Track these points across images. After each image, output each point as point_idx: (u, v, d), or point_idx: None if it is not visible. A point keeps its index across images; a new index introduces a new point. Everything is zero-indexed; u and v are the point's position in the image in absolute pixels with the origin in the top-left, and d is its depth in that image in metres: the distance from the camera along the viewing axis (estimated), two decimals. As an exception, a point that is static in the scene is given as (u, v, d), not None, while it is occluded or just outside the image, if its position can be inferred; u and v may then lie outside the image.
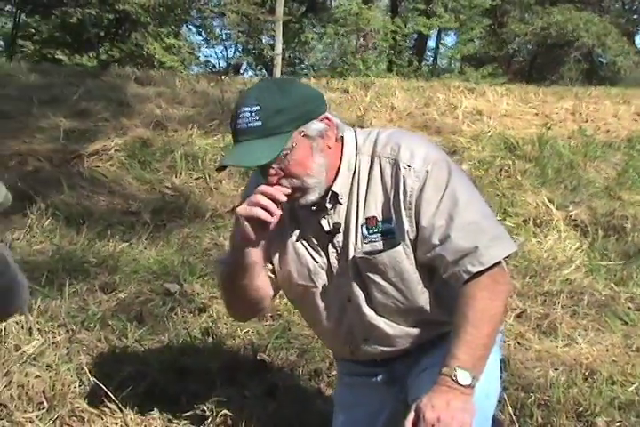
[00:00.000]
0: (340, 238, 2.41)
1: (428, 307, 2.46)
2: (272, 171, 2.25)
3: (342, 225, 2.40)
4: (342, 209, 2.39)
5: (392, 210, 2.33)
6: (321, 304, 2.52)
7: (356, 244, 2.39)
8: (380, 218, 2.36)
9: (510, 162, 7.06)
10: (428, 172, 2.30)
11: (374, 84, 9.70)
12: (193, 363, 3.70)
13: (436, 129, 8.05)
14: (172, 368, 3.67)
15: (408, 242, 2.34)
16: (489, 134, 7.84)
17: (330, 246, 2.43)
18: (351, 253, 2.40)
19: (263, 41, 27.94)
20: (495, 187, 6.44)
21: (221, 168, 2.36)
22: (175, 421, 3.31)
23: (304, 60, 30.28)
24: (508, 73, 27.23)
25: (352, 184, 2.38)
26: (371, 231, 2.37)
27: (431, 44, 32.13)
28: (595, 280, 5.03)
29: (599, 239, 5.67)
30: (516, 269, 5.08)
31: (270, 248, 2.50)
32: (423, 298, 2.44)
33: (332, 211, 2.40)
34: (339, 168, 2.36)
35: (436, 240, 2.29)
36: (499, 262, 2.27)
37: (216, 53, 30.35)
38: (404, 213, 2.31)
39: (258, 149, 2.22)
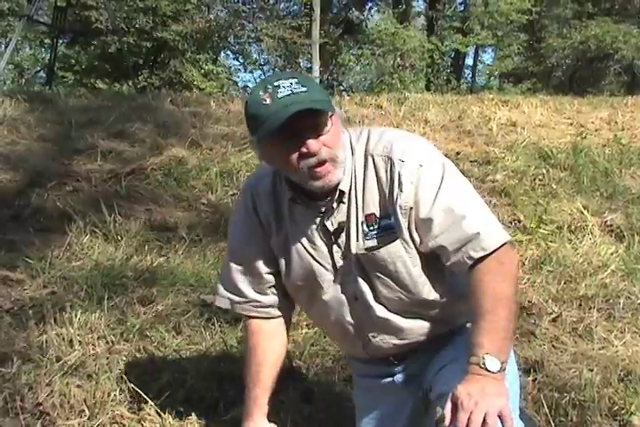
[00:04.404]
0: (342, 238, 2.46)
1: (433, 299, 2.51)
2: (313, 141, 2.26)
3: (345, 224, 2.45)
4: (343, 209, 2.44)
5: (389, 206, 2.38)
6: (328, 304, 2.58)
7: (357, 241, 2.44)
8: (378, 215, 2.41)
9: (544, 171, 7.05)
10: (422, 166, 2.35)
11: (408, 100, 9.73)
12: (230, 370, 3.75)
13: (470, 141, 8.06)
14: (210, 376, 3.73)
15: (407, 236, 2.39)
16: (523, 144, 7.84)
17: (334, 246, 2.48)
18: (353, 251, 2.45)
19: (301, 64, 28.14)
20: (529, 196, 6.44)
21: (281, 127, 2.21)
22: (213, 425, 3.36)
23: (342, 81, 30.42)
24: (547, 88, 27.11)
25: (350, 183, 2.42)
26: (371, 228, 2.43)
27: (469, 61, 32.19)
28: (631, 284, 5.01)
29: (635, 244, 5.63)
30: (551, 274, 5.08)
31: (275, 254, 2.58)
32: (426, 290, 2.49)
33: (337, 211, 2.45)
34: None
35: (436, 231, 2.33)
36: (501, 246, 2.30)
37: (254, 78, 30.47)
38: (400, 208, 2.36)
39: (312, 104, 2.23)
